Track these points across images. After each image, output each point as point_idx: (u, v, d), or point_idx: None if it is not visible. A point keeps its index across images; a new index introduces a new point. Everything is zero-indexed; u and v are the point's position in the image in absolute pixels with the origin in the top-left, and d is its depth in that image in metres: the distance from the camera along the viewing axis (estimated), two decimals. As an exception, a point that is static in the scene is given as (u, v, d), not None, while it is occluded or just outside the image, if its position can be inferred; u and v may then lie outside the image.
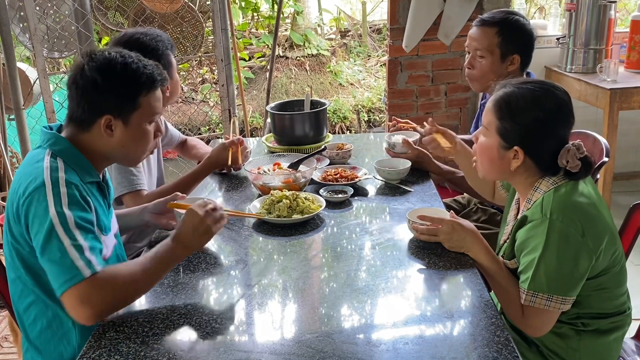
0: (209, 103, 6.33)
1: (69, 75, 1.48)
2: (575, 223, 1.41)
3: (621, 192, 3.98)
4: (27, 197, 1.35)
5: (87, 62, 1.44)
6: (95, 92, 1.43)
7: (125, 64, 1.45)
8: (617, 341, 1.57)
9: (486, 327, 1.30)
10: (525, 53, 2.18)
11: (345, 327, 1.33)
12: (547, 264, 1.41)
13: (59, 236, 1.30)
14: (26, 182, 1.38)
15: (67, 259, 1.29)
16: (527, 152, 1.49)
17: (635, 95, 3.38)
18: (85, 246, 1.31)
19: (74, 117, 1.47)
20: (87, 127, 1.47)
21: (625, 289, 1.56)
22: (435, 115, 3.87)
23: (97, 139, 1.48)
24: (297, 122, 2.48)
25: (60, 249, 1.30)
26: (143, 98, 1.48)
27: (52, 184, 1.35)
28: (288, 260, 1.65)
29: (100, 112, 1.45)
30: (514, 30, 2.14)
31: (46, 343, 1.49)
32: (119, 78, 1.44)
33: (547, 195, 1.47)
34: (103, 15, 3.83)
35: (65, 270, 1.28)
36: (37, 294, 1.45)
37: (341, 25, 7.59)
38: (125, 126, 1.48)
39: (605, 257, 1.46)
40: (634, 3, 5.50)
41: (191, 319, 1.37)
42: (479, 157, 1.60)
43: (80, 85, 1.44)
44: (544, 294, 1.41)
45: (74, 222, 1.33)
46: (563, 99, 1.50)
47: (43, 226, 1.31)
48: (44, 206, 1.32)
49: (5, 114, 3.67)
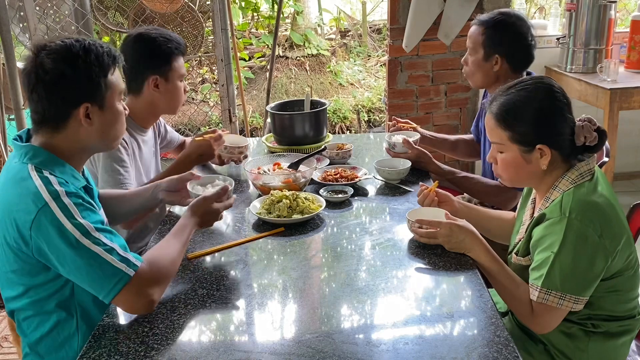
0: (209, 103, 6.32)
1: (25, 75, 1.39)
2: (593, 223, 1.40)
3: (621, 192, 3.98)
4: (34, 220, 1.30)
5: (45, 56, 1.36)
6: (66, 84, 1.37)
7: (84, 47, 1.39)
8: (625, 345, 1.57)
9: (486, 327, 1.30)
10: (511, 55, 2.14)
11: (345, 327, 1.33)
12: (562, 263, 1.40)
13: (87, 247, 1.30)
14: (24, 205, 1.32)
15: (106, 266, 1.30)
16: (550, 145, 1.48)
17: (635, 95, 3.38)
18: (116, 247, 1.33)
19: (46, 119, 1.40)
20: (62, 125, 1.41)
21: (637, 294, 1.56)
22: (435, 115, 3.87)
23: (75, 133, 1.42)
24: (297, 122, 2.48)
25: (94, 258, 1.30)
26: (111, 77, 1.44)
27: (54, 199, 1.31)
28: (288, 260, 1.65)
29: (76, 102, 1.39)
30: (498, 31, 2.13)
31: (47, 350, 1.48)
32: (86, 63, 1.38)
33: (567, 194, 1.46)
34: (103, 15, 3.83)
35: (109, 277, 1.30)
36: (40, 305, 1.44)
37: (341, 25, 7.59)
38: (101, 110, 1.43)
39: (621, 259, 1.46)
40: (634, 3, 5.50)
41: (191, 319, 1.37)
42: (505, 174, 1.57)
43: (48, 81, 1.36)
44: (557, 292, 1.41)
45: (93, 228, 1.32)
46: (550, 83, 1.51)
47: (65, 243, 1.29)
48: (57, 224, 1.30)
49: (5, 114, 3.67)
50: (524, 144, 1.49)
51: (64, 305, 1.44)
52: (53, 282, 1.41)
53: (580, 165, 1.50)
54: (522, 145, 1.50)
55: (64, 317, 1.45)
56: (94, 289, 1.33)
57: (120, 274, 1.31)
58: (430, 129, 3.66)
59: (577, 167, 1.49)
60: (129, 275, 1.31)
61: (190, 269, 1.60)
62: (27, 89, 1.39)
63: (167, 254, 1.43)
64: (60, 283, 1.42)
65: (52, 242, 1.30)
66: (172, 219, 1.96)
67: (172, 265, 1.43)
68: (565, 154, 1.50)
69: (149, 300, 1.34)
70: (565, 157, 1.50)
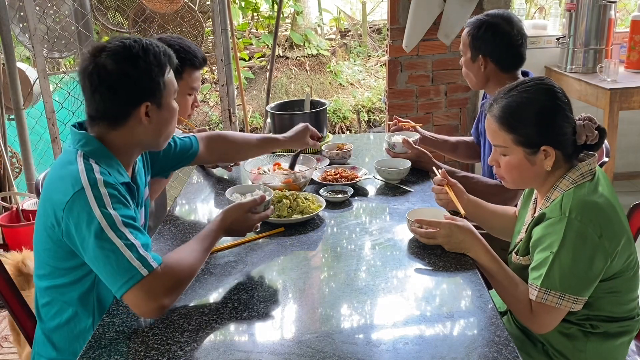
0: (209, 103, 6.33)
1: (86, 76, 1.41)
2: (593, 223, 1.40)
3: (621, 192, 3.98)
4: (68, 202, 1.33)
5: (107, 57, 1.39)
6: (129, 84, 1.41)
7: (143, 47, 1.43)
8: (623, 346, 1.57)
9: (486, 327, 1.30)
10: (497, 55, 2.13)
11: (345, 327, 1.33)
12: (562, 262, 1.40)
13: (109, 238, 1.30)
14: (63, 187, 1.36)
15: (123, 260, 1.29)
16: (554, 146, 1.47)
17: (635, 95, 3.38)
18: (138, 244, 1.32)
19: (107, 116, 1.44)
20: (122, 122, 1.44)
21: (636, 295, 1.56)
22: (435, 115, 3.87)
23: (131, 130, 1.46)
24: (297, 122, 2.46)
25: (113, 251, 1.30)
26: (167, 76, 1.48)
27: (91, 186, 1.34)
28: (288, 260, 1.65)
29: (138, 101, 1.43)
30: (482, 32, 2.12)
31: (62, 339, 1.51)
32: (146, 62, 1.42)
33: (567, 194, 1.46)
34: (103, 15, 3.83)
35: (122, 272, 1.29)
36: (60, 292, 1.47)
37: (341, 25, 7.59)
38: (159, 109, 1.47)
39: (620, 260, 1.46)
40: (634, 3, 5.50)
41: (191, 319, 1.37)
42: (509, 176, 1.57)
43: (112, 81, 1.39)
44: (556, 291, 1.41)
45: (121, 221, 1.33)
46: (551, 84, 1.52)
47: (90, 230, 1.30)
48: (88, 210, 1.31)
49: (5, 114, 3.67)
50: (528, 146, 1.49)
51: (83, 298, 1.47)
52: (76, 270, 1.44)
53: (581, 166, 1.50)
54: (526, 147, 1.49)
55: (81, 311, 1.48)
56: (107, 281, 1.33)
57: (134, 271, 1.29)
58: (430, 129, 3.67)
59: (578, 167, 1.49)
60: (142, 274, 1.29)
61: (190, 269, 1.60)
62: (89, 90, 1.42)
63: (186, 261, 1.40)
64: (82, 273, 1.44)
65: (79, 226, 1.32)
66: (173, 219, 1.96)
67: (190, 273, 1.40)
68: (568, 154, 1.50)
69: (158, 305, 1.31)
70: (568, 157, 1.50)
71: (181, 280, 1.37)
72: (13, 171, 3.72)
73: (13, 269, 2.11)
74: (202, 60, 2.08)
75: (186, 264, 1.39)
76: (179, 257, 1.40)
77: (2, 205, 3.60)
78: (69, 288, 1.46)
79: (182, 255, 1.41)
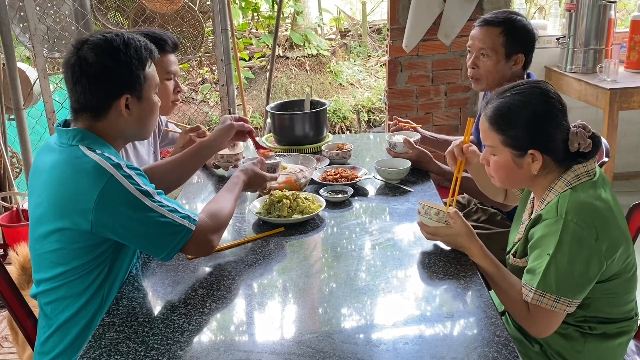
0: (209, 103, 6.33)
1: (68, 68, 1.47)
2: (589, 226, 1.39)
3: (621, 192, 3.98)
4: (100, 192, 1.37)
5: (88, 50, 1.44)
6: (109, 76, 1.45)
7: (124, 41, 1.48)
8: (622, 346, 1.56)
9: (486, 327, 1.30)
10: (528, 53, 2.18)
11: (345, 327, 1.33)
12: (557, 265, 1.39)
13: (153, 209, 1.42)
14: (86, 181, 1.39)
15: (171, 224, 1.43)
16: (543, 151, 1.47)
17: (635, 95, 3.38)
18: (175, 207, 1.47)
19: (88, 108, 1.48)
20: (103, 114, 1.49)
21: (634, 296, 1.55)
22: (435, 115, 3.87)
23: (114, 122, 1.50)
24: (297, 122, 2.48)
25: (160, 217, 1.42)
26: (148, 70, 1.52)
27: (117, 170, 1.40)
28: (288, 260, 1.65)
29: (117, 93, 1.47)
30: (518, 30, 2.15)
31: (69, 329, 1.51)
32: (126, 56, 1.46)
33: (563, 195, 1.45)
34: (103, 15, 3.83)
35: (174, 234, 1.44)
36: (69, 287, 1.48)
37: (341, 25, 7.58)
38: (139, 102, 1.52)
39: (618, 263, 1.46)
40: (634, 3, 5.50)
41: (191, 319, 1.37)
42: (496, 175, 1.57)
43: (92, 73, 1.44)
44: (552, 294, 1.40)
45: (155, 191, 1.45)
46: (546, 88, 1.50)
47: (133, 209, 1.40)
48: (124, 192, 1.39)
49: (5, 114, 3.67)
50: (516, 148, 1.49)
51: (96, 287, 1.50)
52: (93, 261, 1.47)
53: (576, 167, 1.48)
54: (514, 150, 1.49)
55: (92, 299, 1.50)
56: (158, 248, 1.45)
57: (184, 229, 1.45)
58: (430, 129, 3.67)
59: (573, 169, 1.49)
60: (191, 230, 1.46)
61: (190, 269, 1.60)
62: (70, 81, 1.47)
63: (223, 206, 1.61)
64: (99, 261, 1.48)
65: (118, 210, 1.39)
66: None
67: (228, 215, 1.61)
68: (559, 160, 1.49)
69: (211, 246, 1.53)
70: (559, 163, 1.49)
71: (223, 222, 1.58)
72: (13, 171, 3.72)
73: (18, 266, 2.10)
74: (173, 44, 2.12)
75: (224, 208, 1.61)
76: (217, 205, 1.61)
77: (2, 205, 3.60)
78: (83, 280, 1.48)
79: (218, 203, 1.62)
